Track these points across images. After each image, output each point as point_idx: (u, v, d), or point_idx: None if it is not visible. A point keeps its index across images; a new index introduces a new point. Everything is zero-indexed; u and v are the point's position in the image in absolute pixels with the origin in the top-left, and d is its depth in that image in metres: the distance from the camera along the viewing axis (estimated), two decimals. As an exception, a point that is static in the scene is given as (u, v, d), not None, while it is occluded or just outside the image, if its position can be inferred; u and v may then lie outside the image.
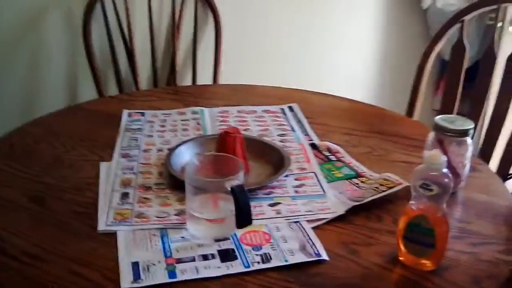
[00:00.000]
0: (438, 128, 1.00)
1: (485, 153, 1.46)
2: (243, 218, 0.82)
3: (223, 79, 1.87)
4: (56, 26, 1.73)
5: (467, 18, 1.51)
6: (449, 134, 0.99)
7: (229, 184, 0.82)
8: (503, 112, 1.43)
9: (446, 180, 0.77)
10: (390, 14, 2.30)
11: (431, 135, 1.02)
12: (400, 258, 0.82)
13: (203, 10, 1.88)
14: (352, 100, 1.47)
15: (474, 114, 1.49)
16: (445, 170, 0.78)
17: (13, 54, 1.71)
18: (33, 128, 1.23)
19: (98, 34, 1.75)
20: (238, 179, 0.83)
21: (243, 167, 0.86)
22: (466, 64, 1.52)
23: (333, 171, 1.08)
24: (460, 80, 1.52)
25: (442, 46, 1.57)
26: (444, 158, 0.77)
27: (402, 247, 0.82)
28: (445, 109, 1.54)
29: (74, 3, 1.72)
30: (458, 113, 1.55)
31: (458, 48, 1.51)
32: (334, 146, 1.16)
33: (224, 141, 1.03)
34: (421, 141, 1.21)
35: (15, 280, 0.76)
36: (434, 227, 0.78)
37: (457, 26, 1.52)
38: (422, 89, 1.59)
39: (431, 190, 0.77)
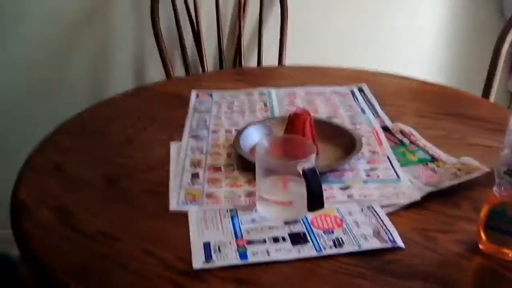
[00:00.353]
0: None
1: None
2: (315, 201, 0.80)
3: (288, 61, 1.84)
4: (124, 9, 1.75)
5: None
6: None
7: (301, 166, 0.80)
8: None
9: (534, 166, 0.72)
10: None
11: (514, 118, 0.96)
12: (480, 247, 0.78)
13: (270, -10, 1.86)
14: (424, 81, 1.42)
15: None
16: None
17: (81, 38, 1.75)
18: (103, 109, 1.26)
19: (165, 16, 1.76)
20: (309, 162, 0.81)
21: (315, 149, 0.84)
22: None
23: (407, 154, 1.04)
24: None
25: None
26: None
27: (483, 235, 0.78)
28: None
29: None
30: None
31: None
32: (407, 129, 1.12)
33: (294, 123, 1.01)
34: (500, 125, 1.15)
35: (90, 258, 0.77)
36: (519, 216, 0.74)
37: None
38: (498, 71, 1.51)
39: (517, 176, 0.72)
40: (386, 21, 2.10)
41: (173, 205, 0.88)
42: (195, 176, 0.97)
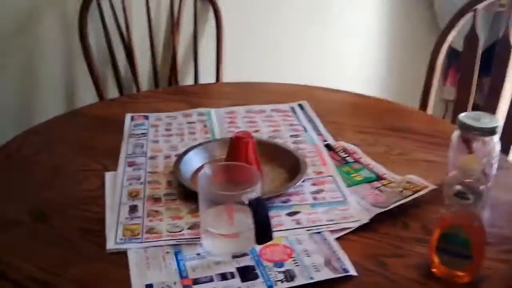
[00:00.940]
0: (464, 127, 0.94)
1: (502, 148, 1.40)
2: (263, 234, 0.76)
3: (226, 77, 1.80)
4: (51, 27, 1.66)
5: (479, 6, 1.44)
6: (475, 133, 0.93)
7: (246, 197, 0.76)
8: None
9: (483, 187, 0.71)
10: (394, 2, 2.24)
11: (456, 134, 0.96)
12: (433, 270, 0.77)
13: (203, 5, 1.81)
14: (362, 95, 1.41)
15: (490, 106, 1.43)
16: (480, 175, 0.72)
17: (5, 58, 1.63)
18: (31, 137, 1.17)
19: (95, 34, 1.68)
20: (255, 191, 0.77)
21: (260, 177, 0.80)
22: (479, 55, 1.45)
23: (352, 174, 1.02)
24: (475, 72, 1.46)
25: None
26: (481, 162, 0.71)
27: (435, 259, 0.76)
28: (460, 101, 1.49)
29: (70, 2, 1.65)
30: (473, 105, 1.50)
31: (471, 38, 1.44)
32: (350, 147, 1.10)
33: (236, 147, 0.97)
34: (440, 138, 1.16)
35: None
36: (471, 238, 0.72)
37: (469, 15, 1.45)
38: (435, 81, 1.53)
39: (467, 198, 0.71)
40: (320, 38, 2.10)
41: (111, 244, 0.82)
42: (133, 209, 0.91)
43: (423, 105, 1.53)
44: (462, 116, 0.95)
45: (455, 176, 0.73)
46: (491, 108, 1.42)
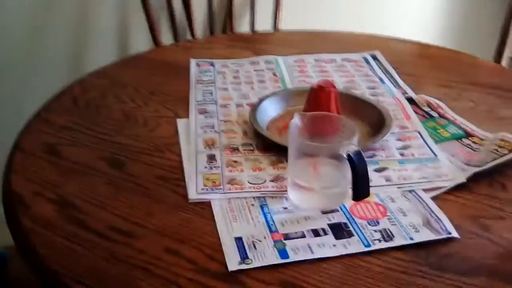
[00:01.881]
0: None
1: None
2: (362, 189, 0.71)
3: (282, 26, 1.72)
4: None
5: None
6: None
7: (345, 150, 0.70)
8: None
9: None
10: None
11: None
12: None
13: None
14: (438, 46, 1.33)
15: None
16: None
17: (58, 4, 1.58)
18: (96, 80, 1.13)
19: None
20: (353, 144, 0.71)
21: (357, 130, 0.74)
22: None
23: (438, 129, 0.95)
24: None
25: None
26: None
27: None
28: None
29: None
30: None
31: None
32: (434, 100, 1.03)
33: (318, 97, 0.91)
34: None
35: (105, 261, 0.66)
36: None
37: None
38: (510, 37, 1.43)
39: None
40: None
41: (193, 194, 0.78)
42: (211, 158, 0.86)
43: (497, 59, 1.44)
44: None
45: None
46: None
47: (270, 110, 0.98)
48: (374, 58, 1.23)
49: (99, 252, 0.68)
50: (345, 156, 0.70)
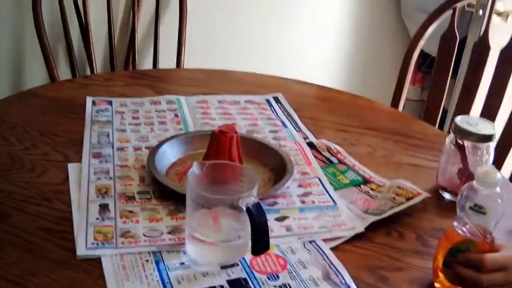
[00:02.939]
0: (459, 131, 0.90)
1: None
2: (261, 243, 0.68)
3: (187, 64, 1.69)
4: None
5: (459, 5, 1.41)
6: (471, 138, 0.89)
7: (244, 202, 0.68)
8: (494, 110, 1.36)
9: (500, 201, 0.67)
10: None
11: (450, 138, 0.92)
12: (436, 286, 0.72)
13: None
14: (337, 90, 1.36)
15: (462, 108, 1.41)
16: (498, 189, 0.67)
17: None
18: (-21, 119, 1.04)
19: (49, 9, 1.53)
20: (253, 196, 0.69)
21: (257, 180, 0.72)
22: (454, 55, 1.43)
23: (338, 175, 0.96)
24: (449, 72, 1.43)
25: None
26: (499, 175, 0.66)
27: (440, 273, 0.71)
28: (432, 102, 1.46)
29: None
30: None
31: (449, 37, 1.41)
32: (333, 146, 1.04)
33: (219, 142, 0.89)
34: (422, 140, 1.13)
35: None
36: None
37: (448, 13, 1.42)
38: (407, 82, 1.49)
39: (484, 213, 0.66)
40: (286, 29, 2.03)
41: (81, 250, 0.72)
42: (104, 208, 0.81)
43: (394, 104, 1.49)
44: (458, 119, 0.91)
45: (471, 187, 0.68)
46: (463, 111, 1.40)
47: (170, 154, 0.94)
48: (277, 100, 1.23)
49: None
50: (244, 208, 0.67)
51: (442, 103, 1.46)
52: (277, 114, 1.16)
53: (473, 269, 0.67)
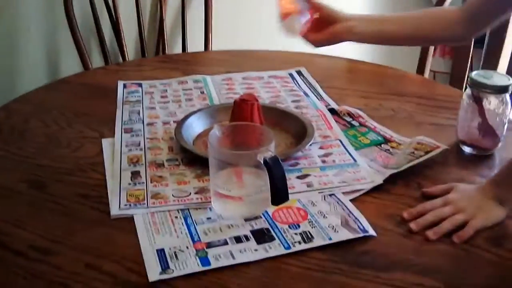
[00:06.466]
0: (475, 85, 0.92)
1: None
2: (280, 194, 0.72)
3: (214, 47, 1.74)
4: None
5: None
6: (487, 90, 0.91)
7: (262, 156, 0.72)
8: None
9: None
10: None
11: (467, 93, 0.94)
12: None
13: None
14: (360, 61, 1.38)
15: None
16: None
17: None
18: (19, 105, 1.11)
19: (80, 3, 1.60)
20: (270, 151, 0.73)
21: (273, 136, 0.76)
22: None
23: (358, 137, 0.99)
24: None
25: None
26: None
27: None
28: (457, 70, 1.46)
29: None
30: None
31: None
32: (354, 110, 1.07)
33: (241, 110, 0.93)
34: (444, 101, 1.14)
35: (24, 279, 0.65)
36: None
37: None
38: (430, 51, 1.50)
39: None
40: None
41: (115, 210, 0.77)
42: (135, 175, 0.86)
43: (420, 71, 1.50)
44: (474, 74, 0.92)
45: None
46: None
47: (196, 125, 0.99)
48: (300, 74, 1.26)
49: (16, 270, 0.66)
50: (261, 162, 0.71)
51: (467, 72, 1.46)
52: (299, 86, 1.20)
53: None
